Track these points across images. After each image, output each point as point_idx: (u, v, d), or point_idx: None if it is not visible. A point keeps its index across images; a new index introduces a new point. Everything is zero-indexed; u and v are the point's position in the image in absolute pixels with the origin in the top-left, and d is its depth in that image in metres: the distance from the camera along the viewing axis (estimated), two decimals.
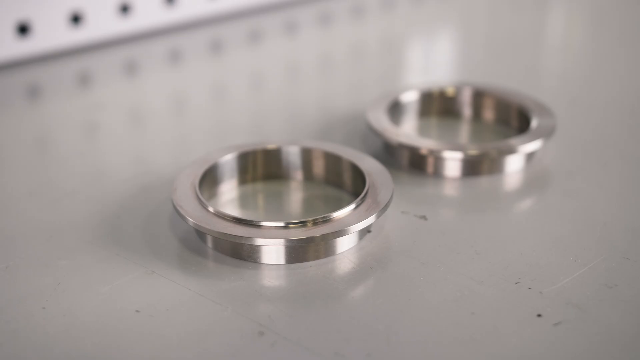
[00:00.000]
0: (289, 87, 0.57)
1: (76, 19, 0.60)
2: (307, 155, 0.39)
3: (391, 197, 0.35)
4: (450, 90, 0.47)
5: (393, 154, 0.43)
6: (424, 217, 0.37)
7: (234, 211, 0.37)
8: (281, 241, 0.33)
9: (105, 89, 0.57)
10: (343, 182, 0.39)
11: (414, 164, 0.41)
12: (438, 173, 0.41)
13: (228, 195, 0.38)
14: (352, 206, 0.34)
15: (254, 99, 0.55)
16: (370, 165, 0.38)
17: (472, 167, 0.40)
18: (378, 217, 0.34)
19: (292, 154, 0.39)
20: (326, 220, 0.33)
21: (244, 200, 0.38)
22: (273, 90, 0.57)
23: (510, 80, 0.56)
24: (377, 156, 0.43)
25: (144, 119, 0.52)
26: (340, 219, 0.34)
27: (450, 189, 0.40)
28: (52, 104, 0.54)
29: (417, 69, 0.62)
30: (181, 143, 0.47)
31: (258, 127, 0.50)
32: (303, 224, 0.33)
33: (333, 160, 0.39)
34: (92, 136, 0.49)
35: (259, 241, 0.32)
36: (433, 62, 0.63)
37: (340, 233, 0.33)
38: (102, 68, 0.60)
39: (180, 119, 0.52)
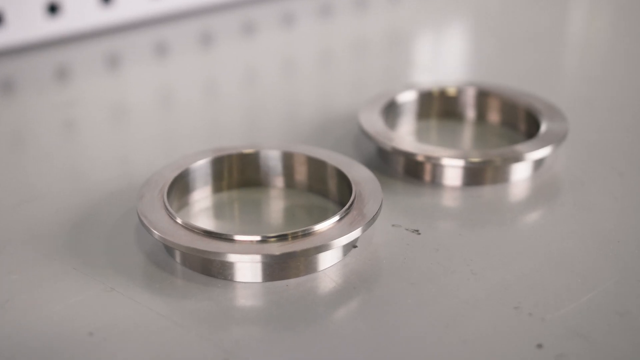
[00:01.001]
0: (283, 84, 0.56)
1: (53, 8, 0.59)
2: (288, 160, 0.38)
3: (379, 208, 0.33)
4: (451, 90, 0.45)
5: (387, 160, 0.41)
6: (416, 231, 0.35)
7: (205, 222, 0.36)
8: (256, 257, 0.31)
9: (84, 84, 0.56)
10: (328, 191, 0.37)
11: (409, 171, 0.40)
12: (436, 182, 0.39)
13: (200, 204, 0.37)
14: (335, 218, 0.33)
15: (244, 96, 0.54)
16: (358, 173, 0.36)
17: (473, 176, 0.39)
18: (364, 230, 0.32)
19: (272, 158, 0.38)
20: (307, 234, 0.32)
21: (217, 210, 0.37)
22: (266, 87, 0.55)
23: (523, 79, 0.54)
24: (370, 162, 0.41)
25: (124, 117, 0.51)
26: (322, 232, 0.32)
27: (448, 200, 0.38)
28: (25, 100, 0.53)
29: (423, 66, 0.60)
30: (163, 144, 0.46)
31: (247, 127, 0.49)
32: (281, 237, 0.31)
33: (317, 167, 0.37)
34: (65, 135, 0.48)
35: (231, 257, 0.31)
36: (441, 59, 0.61)
37: (321, 248, 0.31)
38: (80, 61, 0.58)
39: (163, 118, 0.50)
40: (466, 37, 0.67)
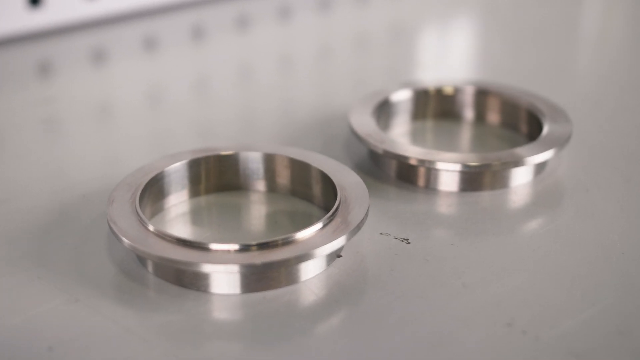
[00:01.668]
0: (277, 82, 0.55)
1: (35, 0, 0.58)
2: (270, 162, 0.36)
3: (365, 215, 0.32)
4: (448, 89, 0.44)
5: (379, 163, 0.40)
6: (406, 240, 0.34)
7: (180, 229, 0.35)
8: (231, 267, 0.30)
9: (67, 80, 0.55)
10: (313, 195, 0.36)
11: (402, 175, 0.38)
12: (431, 187, 0.38)
13: (176, 209, 0.36)
14: (318, 225, 0.32)
15: (236, 94, 0.53)
16: (344, 177, 0.35)
17: (470, 181, 0.37)
18: (349, 239, 0.31)
19: (253, 161, 0.37)
20: (287, 242, 0.31)
21: (194, 216, 0.36)
22: (259, 84, 0.54)
23: (529, 78, 0.53)
24: (362, 165, 0.40)
25: (109, 115, 0.50)
26: (304, 240, 0.31)
27: (442, 206, 0.37)
28: (4, 95, 0.52)
29: (425, 63, 0.59)
30: (149, 143, 0.45)
31: (238, 126, 0.48)
32: (260, 246, 0.30)
33: (301, 170, 0.36)
34: (45, 133, 0.47)
35: (206, 267, 0.30)
36: (445, 56, 0.60)
37: (301, 258, 0.30)
38: (64, 56, 0.58)
39: (150, 116, 0.49)
40: (472, 33, 0.66)
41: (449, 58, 0.59)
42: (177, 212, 0.35)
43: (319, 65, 0.58)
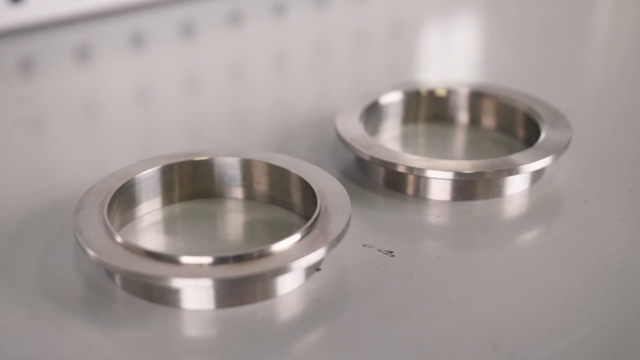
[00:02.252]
0: (270, 81, 0.54)
1: None
2: (247, 168, 0.36)
3: (346, 226, 0.31)
4: (441, 91, 0.43)
5: (366, 170, 0.39)
6: (390, 253, 0.33)
7: (152, 240, 0.34)
8: (203, 282, 0.29)
9: (47, 78, 0.54)
10: (292, 203, 0.35)
11: (390, 183, 0.38)
12: (420, 195, 0.37)
13: (148, 218, 0.35)
14: (296, 236, 0.31)
15: (225, 93, 0.52)
16: (326, 184, 0.34)
17: (462, 189, 0.36)
18: (328, 251, 0.30)
19: (230, 166, 0.36)
20: (263, 255, 0.30)
21: (167, 226, 0.35)
22: (250, 84, 0.53)
23: (532, 79, 0.52)
24: (348, 172, 0.39)
25: (90, 115, 0.49)
26: (281, 253, 0.30)
27: (431, 217, 0.36)
28: None
29: (427, 63, 0.58)
30: (129, 146, 0.44)
31: (224, 127, 0.47)
32: (233, 259, 0.29)
33: (280, 176, 0.35)
34: (23, 133, 0.46)
35: (175, 282, 0.29)
36: (446, 55, 0.59)
37: (277, 272, 0.29)
38: (47, 53, 0.57)
39: (137, 116, 0.49)
40: (474, 30, 0.65)
41: (450, 57, 0.58)
42: (149, 221, 0.35)
43: (314, 64, 0.57)
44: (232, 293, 0.30)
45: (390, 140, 0.42)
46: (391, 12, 0.68)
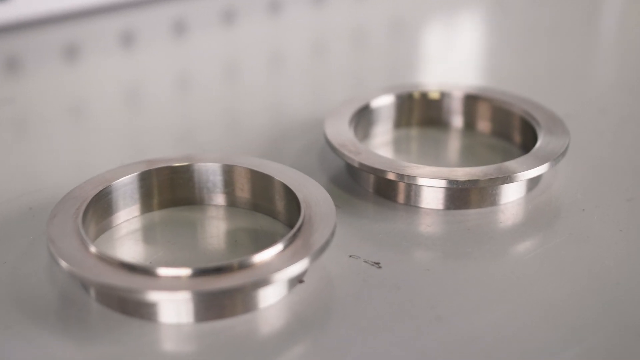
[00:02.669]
0: (263, 81, 0.53)
1: None
2: (229, 174, 0.35)
3: (329, 237, 0.31)
4: (434, 94, 0.42)
5: (356, 177, 0.38)
6: (377, 264, 0.32)
7: (129, 250, 0.33)
8: (180, 295, 0.28)
9: (32, 78, 0.54)
10: (276, 211, 0.35)
11: (380, 191, 0.37)
12: (411, 204, 0.36)
13: (126, 227, 0.34)
14: (279, 247, 0.30)
15: (216, 94, 0.51)
16: (310, 191, 0.33)
17: (454, 198, 0.36)
18: (311, 263, 0.30)
19: (212, 173, 0.35)
20: (244, 266, 0.29)
21: (145, 234, 0.34)
22: (243, 84, 0.53)
23: (536, 80, 0.52)
24: (337, 179, 0.39)
25: (76, 116, 0.48)
26: (262, 264, 0.30)
27: (421, 226, 0.35)
28: None
29: (428, 64, 0.57)
30: (114, 149, 0.44)
31: (213, 130, 0.46)
32: (212, 271, 0.29)
33: (262, 182, 0.35)
34: (5, 135, 0.46)
35: (151, 295, 0.28)
36: (448, 56, 0.58)
37: (257, 285, 0.29)
38: (32, 51, 0.56)
39: (120, 118, 0.48)
40: (477, 30, 0.65)
41: (450, 58, 0.58)
42: (127, 230, 0.34)
43: (309, 64, 0.57)
44: (210, 306, 0.30)
45: (381, 146, 0.41)
46: (391, 11, 0.67)
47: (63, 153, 0.43)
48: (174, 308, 0.29)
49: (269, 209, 0.35)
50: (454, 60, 0.57)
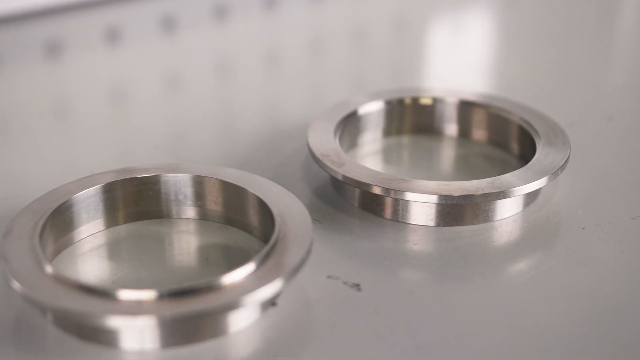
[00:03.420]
0: (254, 82, 0.53)
1: None
2: (200, 186, 0.34)
3: (304, 256, 0.30)
4: (426, 100, 0.41)
5: (341, 190, 0.37)
6: (356, 286, 0.31)
7: (92, 267, 0.32)
8: (141, 320, 0.27)
9: (12, 76, 0.53)
10: (251, 226, 0.34)
11: (365, 205, 0.36)
12: (399, 219, 0.35)
13: (88, 243, 0.33)
14: (250, 267, 0.29)
15: (202, 97, 0.51)
16: (286, 205, 0.33)
17: (445, 214, 0.35)
18: (285, 284, 0.29)
19: (183, 184, 0.34)
20: (212, 288, 0.28)
21: (110, 251, 0.33)
22: (230, 86, 0.52)
23: (544, 85, 0.51)
24: (322, 191, 0.38)
25: (52, 118, 0.48)
26: (232, 285, 0.29)
27: (408, 244, 0.34)
28: None
29: (429, 66, 0.56)
30: (88, 156, 0.43)
31: (192, 137, 0.45)
32: (177, 294, 0.28)
33: (236, 195, 0.34)
34: None
35: (110, 320, 0.27)
36: (451, 58, 0.57)
37: (225, 308, 0.28)
38: (12, 48, 0.56)
39: (101, 121, 0.47)
40: (483, 31, 0.64)
41: (455, 59, 0.57)
42: (91, 246, 0.33)
43: (305, 64, 0.56)
44: (176, 331, 0.29)
45: (369, 155, 0.40)
46: (393, 8, 0.66)
47: (36, 158, 0.42)
48: (136, 333, 0.28)
49: (243, 223, 0.34)
50: (457, 62, 0.56)
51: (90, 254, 0.33)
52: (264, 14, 0.64)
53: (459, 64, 0.56)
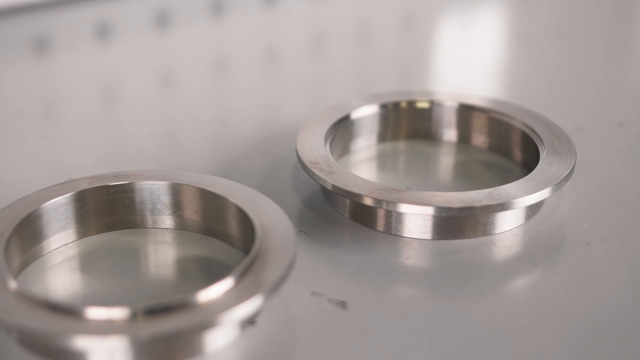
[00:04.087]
0: (251, 82, 0.52)
1: None
2: (178, 195, 0.34)
3: (286, 271, 0.29)
4: (423, 103, 0.40)
5: (331, 199, 0.36)
6: (342, 304, 0.30)
7: (63, 281, 0.32)
8: (110, 341, 0.26)
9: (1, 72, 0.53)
10: (232, 237, 0.33)
11: (357, 217, 0.35)
12: (391, 232, 0.34)
13: (58, 255, 0.33)
14: (228, 282, 0.28)
15: (196, 96, 0.50)
16: (269, 216, 0.32)
17: (441, 226, 0.34)
18: (265, 302, 0.28)
19: (160, 192, 0.34)
20: (186, 306, 0.27)
21: (81, 263, 0.32)
22: (228, 85, 0.52)
23: (553, 88, 0.50)
24: (312, 201, 0.37)
25: (50, 114, 0.47)
26: (208, 303, 0.28)
27: (400, 259, 0.33)
28: None
29: (436, 68, 0.56)
30: (70, 158, 0.42)
31: (176, 142, 0.45)
32: (150, 312, 0.27)
33: (216, 204, 0.33)
34: None
35: (77, 341, 0.27)
36: (460, 59, 0.56)
37: (200, 327, 0.27)
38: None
39: (91, 120, 0.47)
40: (493, 29, 0.63)
41: (463, 59, 0.56)
42: (62, 258, 0.33)
43: (305, 64, 0.55)
44: (148, 352, 0.28)
45: (362, 163, 0.40)
46: (398, 5, 0.66)
47: (20, 160, 0.42)
48: (106, 354, 0.28)
49: (224, 234, 0.33)
50: (464, 63, 0.55)
51: (60, 267, 0.32)
52: (263, 10, 0.63)
53: (466, 65, 0.55)
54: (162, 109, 0.49)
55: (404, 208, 0.33)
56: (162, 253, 0.33)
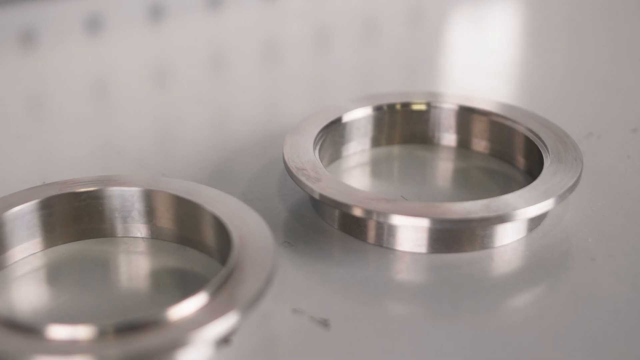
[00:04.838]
0: (247, 79, 0.51)
1: None
2: (151, 202, 0.33)
3: (264, 286, 0.28)
4: (420, 106, 0.40)
5: (319, 209, 0.35)
6: (324, 323, 0.29)
7: (27, 294, 0.31)
8: None
9: None
10: (208, 247, 0.32)
11: (346, 228, 0.34)
12: (383, 244, 0.33)
13: (25, 265, 0.32)
14: (202, 298, 0.27)
15: (188, 95, 0.49)
16: (248, 226, 0.31)
17: (435, 239, 0.33)
18: (241, 319, 0.27)
19: (137, 199, 0.33)
20: (157, 323, 0.27)
21: (48, 274, 0.32)
22: (223, 82, 0.51)
23: (563, 89, 0.49)
24: (299, 210, 0.36)
25: (38, 111, 0.47)
26: (180, 320, 0.27)
27: (391, 273, 0.32)
28: None
29: (446, 67, 0.55)
30: (71, 158, 0.41)
31: (161, 143, 0.44)
32: (119, 330, 0.26)
33: (191, 213, 0.32)
34: None
35: None
36: (472, 56, 0.56)
37: (172, 346, 0.26)
38: None
39: (79, 118, 0.46)
40: (506, 26, 0.62)
41: (474, 61, 0.55)
42: (28, 268, 0.32)
43: (306, 60, 0.55)
44: None
45: (354, 169, 0.39)
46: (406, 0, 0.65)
47: (0, 160, 0.41)
48: None
49: (200, 244, 0.33)
50: (474, 62, 0.55)
51: (25, 278, 0.32)
52: (262, 3, 0.63)
53: (475, 65, 0.54)
54: (152, 108, 0.48)
55: (396, 220, 0.32)
56: (135, 264, 0.33)
